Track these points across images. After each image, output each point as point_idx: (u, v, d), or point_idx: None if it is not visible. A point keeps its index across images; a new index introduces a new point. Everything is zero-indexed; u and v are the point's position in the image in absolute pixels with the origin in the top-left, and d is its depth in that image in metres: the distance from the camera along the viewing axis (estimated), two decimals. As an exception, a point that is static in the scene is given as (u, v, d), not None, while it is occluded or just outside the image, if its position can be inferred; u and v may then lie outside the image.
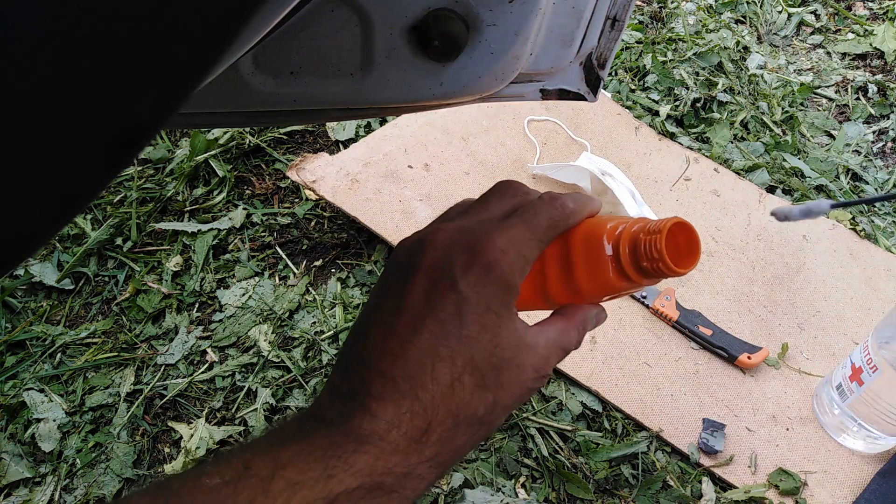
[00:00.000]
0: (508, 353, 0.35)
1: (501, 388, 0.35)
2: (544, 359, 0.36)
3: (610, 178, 0.96)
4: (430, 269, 0.35)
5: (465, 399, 0.34)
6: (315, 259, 0.94)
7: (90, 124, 0.20)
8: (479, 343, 0.34)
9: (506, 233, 0.35)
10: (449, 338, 0.34)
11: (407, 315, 0.34)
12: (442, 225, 0.37)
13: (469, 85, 0.46)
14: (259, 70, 0.44)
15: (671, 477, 0.76)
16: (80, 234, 0.94)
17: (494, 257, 0.34)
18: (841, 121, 1.23)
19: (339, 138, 1.11)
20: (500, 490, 0.74)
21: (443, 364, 0.33)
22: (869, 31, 1.39)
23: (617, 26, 0.49)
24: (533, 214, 0.37)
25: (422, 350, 0.33)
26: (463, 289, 0.34)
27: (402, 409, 0.33)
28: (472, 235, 0.35)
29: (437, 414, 0.33)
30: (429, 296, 0.34)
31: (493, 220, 0.37)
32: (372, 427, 0.32)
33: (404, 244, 0.37)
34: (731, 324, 0.90)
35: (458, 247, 0.35)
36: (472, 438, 0.35)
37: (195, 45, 0.20)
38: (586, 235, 0.38)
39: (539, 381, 0.37)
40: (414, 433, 0.33)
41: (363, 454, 0.31)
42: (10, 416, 0.78)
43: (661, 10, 1.42)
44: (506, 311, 0.35)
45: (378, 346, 0.34)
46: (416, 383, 0.33)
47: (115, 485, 0.74)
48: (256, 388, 0.81)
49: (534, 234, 0.36)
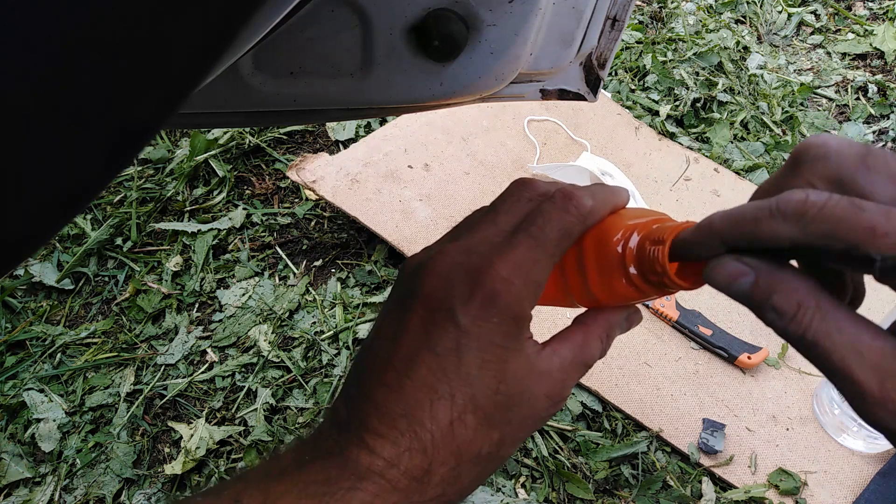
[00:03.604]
0: (517, 388, 0.32)
1: (510, 424, 0.32)
2: (560, 383, 0.33)
3: (610, 178, 0.96)
4: (428, 298, 0.32)
5: (468, 438, 0.31)
6: (315, 259, 0.94)
7: (90, 124, 0.19)
8: (482, 381, 0.31)
9: (510, 256, 0.32)
10: (448, 374, 0.31)
11: (404, 346, 0.32)
12: (445, 247, 0.34)
13: (469, 85, 0.46)
14: (259, 70, 0.44)
15: (671, 477, 0.76)
16: (80, 234, 0.94)
17: (497, 288, 0.31)
18: (841, 121, 1.23)
19: (339, 138, 1.11)
20: (500, 490, 0.74)
21: (441, 402, 0.31)
22: (869, 31, 1.39)
23: (617, 26, 0.49)
24: (542, 227, 0.32)
25: (418, 386, 0.31)
26: (463, 322, 0.31)
27: (401, 448, 0.31)
28: (474, 260, 0.32)
29: (437, 454, 0.31)
30: (427, 327, 0.32)
31: (499, 236, 0.33)
32: (370, 462, 0.30)
33: (410, 263, 0.35)
34: (731, 324, 0.90)
35: (458, 274, 0.32)
36: (480, 476, 0.33)
37: (195, 45, 0.20)
38: (600, 238, 0.33)
39: (554, 408, 0.34)
40: (414, 472, 0.31)
41: (360, 491, 0.29)
42: (10, 416, 0.78)
43: (661, 10, 1.42)
44: (513, 343, 0.32)
45: (375, 376, 0.32)
46: (413, 421, 0.31)
47: (115, 485, 0.74)
48: (256, 388, 0.81)
49: (543, 251, 0.32)
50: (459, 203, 0.98)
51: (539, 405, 0.33)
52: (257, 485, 0.30)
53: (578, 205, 0.33)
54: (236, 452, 0.76)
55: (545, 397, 0.33)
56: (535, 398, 0.32)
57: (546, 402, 0.33)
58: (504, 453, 0.33)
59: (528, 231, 0.32)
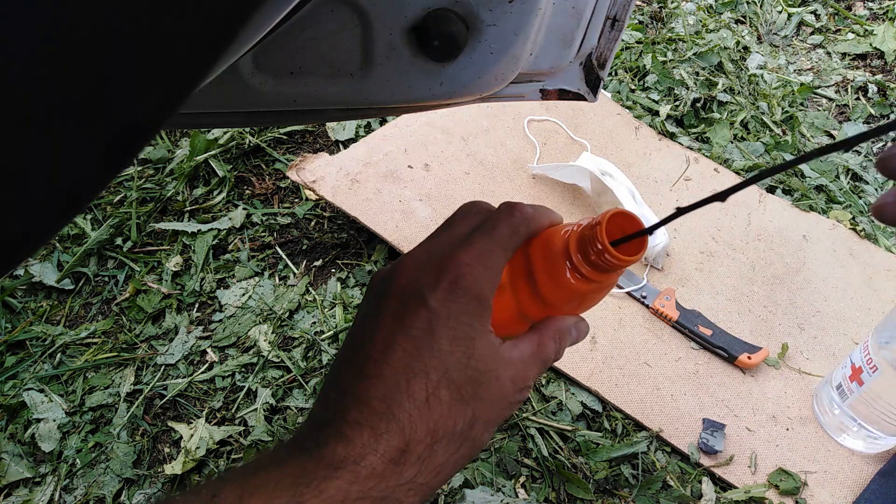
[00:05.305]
0: (484, 366, 0.35)
1: (480, 401, 0.35)
2: (522, 371, 0.37)
3: (610, 178, 0.96)
4: (400, 291, 0.36)
5: (443, 413, 0.34)
6: (315, 259, 0.94)
7: (90, 124, 0.20)
8: (453, 356, 0.34)
9: (470, 247, 0.36)
10: (421, 353, 0.34)
11: (380, 337, 0.35)
12: (409, 253, 0.38)
13: (469, 85, 0.46)
14: (259, 70, 0.44)
15: (671, 477, 0.76)
16: (80, 234, 0.94)
17: (461, 271, 0.35)
18: (841, 121, 1.23)
19: (339, 138, 1.11)
20: (500, 490, 0.74)
21: (417, 379, 0.34)
22: (869, 31, 1.39)
23: (617, 26, 0.49)
24: (493, 226, 0.38)
25: (395, 368, 0.34)
26: (433, 304, 0.35)
27: (379, 431, 0.33)
28: (438, 255, 0.37)
29: (415, 432, 0.33)
30: (400, 316, 0.35)
31: (457, 238, 0.38)
32: (346, 452, 0.32)
33: (378, 275, 0.39)
34: (731, 324, 0.90)
35: (426, 267, 0.36)
36: (454, 456, 0.35)
37: (195, 45, 0.20)
38: (543, 243, 0.39)
39: (521, 394, 0.37)
40: (392, 453, 0.33)
41: (335, 479, 0.31)
42: (10, 416, 0.78)
43: (661, 10, 1.42)
44: (478, 323, 0.35)
45: (354, 372, 0.35)
46: (391, 402, 0.33)
47: (115, 485, 0.74)
48: (256, 388, 0.81)
49: (496, 243, 0.37)
50: (459, 203, 0.97)
51: (506, 388, 0.36)
52: (235, 481, 0.31)
53: (522, 209, 0.39)
54: (236, 452, 0.76)
55: (510, 381, 0.36)
56: (502, 381, 0.36)
57: (512, 386, 0.36)
58: (476, 435, 0.35)
59: (482, 230, 0.38)
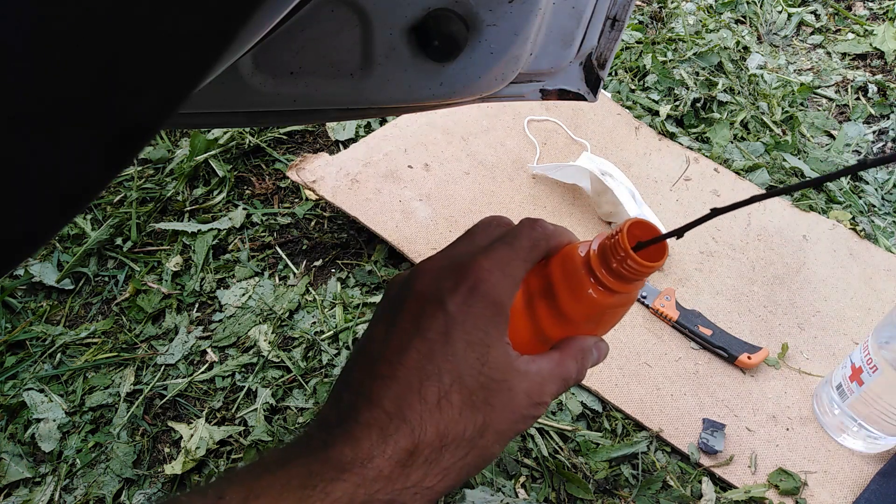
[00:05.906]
0: (498, 374, 0.35)
1: (492, 410, 0.35)
2: (538, 385, 0.36)
3: (610, 178, 0.96)
4: (419, 295, 0.36)
5: (454, 417, 0.34)
6: (315, 259, 0.94)
7: (90, 124, 0.20)
8: (467, 360, 0.34)
9: (491, 255, 0.36)
10: (436, 356, 0.34)
11: (396, 339, 0.35)
12: (429, 258, 0.38)
13: (469, 85, 0.46)
14: (259, 70, 0.44)
15: (671, 477, 0.76)
16: (80, 234, 0.94)
17: (481, 276, 0.35)
18: (841, 121, 1.23)
19: (339, 138, 1.11)
20: (500, 490, 0.74)
21: (430, 382, 0.33)
22: (869, 31, 1.39)
23: (617, 26, 0.49)
24: (514, 237, 0.38)
25: (409, 369, 0.34)
26: (450, 308, 0.35)
27: (388, 432, 0.32)
28: (458, 261, 0.37)
29: (424, 434, 0.33)
30: (418, 319, 0.35)
31: (478, 248, 0.38)
32: (354, 454, 0.32)
33: (396, 279, 0.39)
34: (731, 324, 0.90)
35: (446, 272, 0.36)
36: (461, 462, 0.34)
37: (195, 45, 0.20)
38: (563, 259, 0.39)
39: (536, 409, 0.36)
40: (400, 455, 0.32)
41: (342, 482, 0.31)
42: (10, 416, 0.78)
43: (661, 10, 1.42)
44: (495, 331, 0.35)
45: (367, 373, 0.35)
46: (403, 403, 0.33)
47: (115, 485, 0.74)
48: (256, 388, 0.81)
49: (517, 254, 0.37)
50: (459, 203, 0.98)
51: (519, 400, 0.35)
52: (241, 482, 0.31)
53: (543, 225, 0.39)
54: (236, 452, 0.76)
55: (524, 394, 0.36)
56: (515, 392, 0.35)
57: (526, 399, 0.36)
58: (486, 444, 0.35)
59: (503, 240, 0.38)
